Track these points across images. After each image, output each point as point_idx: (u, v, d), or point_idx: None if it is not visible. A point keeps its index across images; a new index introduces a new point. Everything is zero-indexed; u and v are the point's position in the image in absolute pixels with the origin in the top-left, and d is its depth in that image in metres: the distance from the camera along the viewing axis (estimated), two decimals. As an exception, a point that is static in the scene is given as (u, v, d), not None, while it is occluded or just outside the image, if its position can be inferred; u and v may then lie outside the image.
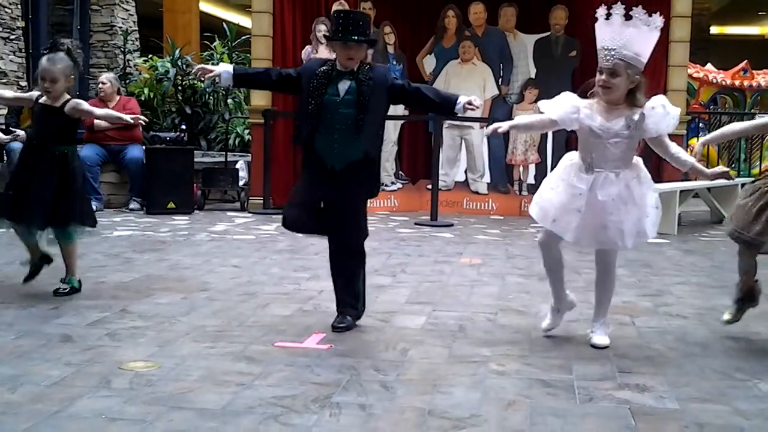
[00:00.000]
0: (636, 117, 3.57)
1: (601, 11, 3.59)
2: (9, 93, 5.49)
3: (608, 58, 3.53)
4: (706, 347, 3.81)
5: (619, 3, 3.59)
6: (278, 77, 4.02)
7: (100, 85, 9.29)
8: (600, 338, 3.76)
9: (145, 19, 14.50)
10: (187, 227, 7.74)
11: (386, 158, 9.86)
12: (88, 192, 4.80)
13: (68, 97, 4.64)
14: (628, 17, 3.55)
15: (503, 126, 3.75)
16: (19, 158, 4.77)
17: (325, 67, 3.91)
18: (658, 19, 3.58)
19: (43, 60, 4.59)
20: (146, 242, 6.70)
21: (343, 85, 3.87)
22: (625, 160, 3.64)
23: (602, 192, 3.60)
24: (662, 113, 3.59)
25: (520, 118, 4.04)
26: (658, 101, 3.62)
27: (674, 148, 3.71)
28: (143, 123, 5.07)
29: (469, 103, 3.91)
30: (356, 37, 3.82)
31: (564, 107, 3.67)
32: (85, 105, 4.78)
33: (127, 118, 4.97)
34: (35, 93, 4.75)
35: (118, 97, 9.33)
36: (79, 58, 4.70)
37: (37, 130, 4.70)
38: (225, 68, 3.98)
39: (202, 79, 3.89)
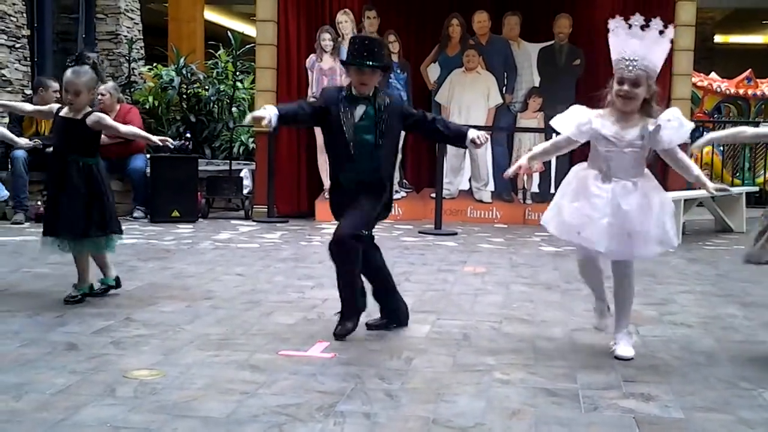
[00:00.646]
0: (651, 128, 3.58)
1: (616, 22, 3.61)
2: (28, 106, 5.47)
3: (630, 68, 3.54)
4: (710, 356, 3.80)
5: (637, 14, 3.61)
6: (312, 110, 4.07)
7: (99, 97, 9.22)
8: (624, 349, 3.72)
9: (149, 27, 14.55)
10: (191, 235, 7.75)
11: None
12: (111, 201, 4.78)
13: (89, 109, 4.66)
14: (643, 27, 3.58)
15: (522, 162, 3.82)
16: (47, 173, 4.80)
17: (342, 94, 3.99)
18: (671, 29, 3.61)
19: (69, 72, 4.59)
20: (150, 250, 6.70)
21: (359, 110, 3.95)
22: (639, 169, 3.66)
23: (624, 201, 3.59)
24: (677, 126, 3.62)
25: (537, 148, 4.01)
26: (674, 114, 3.64)
27: (685, 159, 3.74)
28: (171, 147, 4.92)
29: (474, 141, 4.03)
30: (370, 63, 3.89)
31: (576, 120, 3.68)
32: (108, 120, 4.76)
33: (155, 139, 4.81)
34: (55, 106, 4.79)
35: (118, 107, 9.29)
36: (104, 72, 4.74)
37: (58, 142, 4.72)
38: (272, 111, 3.96)
39: (259, 126, 3.97)
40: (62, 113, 4.66)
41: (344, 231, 3.89)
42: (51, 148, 5.17)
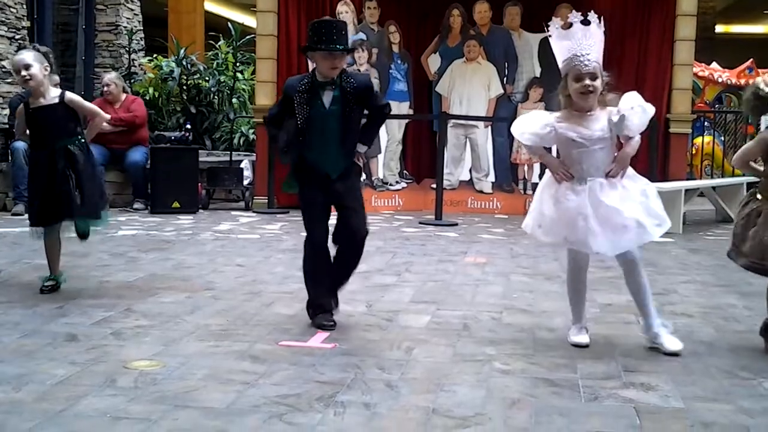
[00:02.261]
0: (615, 117, 3.56)
1: (554, 23, 3.66)
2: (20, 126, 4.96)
3: (586, 62, 3.53)
4: (711, 346, 3.80)
5: (574, 11, 3.65)
6: (280, 112, 4.01)
7: (105, 87, 9.26)
8: (672, 342, 3.63)
9: (149, 18, 14.52)
10: (191, 226, 7.75)
11: (391, 157, 9.86)
12: (100, 181, 4.76)
13: (59, 90, 4.62)
14: (585, 23, 3.61)
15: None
16: (29, 169, 4.74)
17: (305, 81, 3.93)
18: (597, 18, 3.63)
19: (14, 58, 4.63)
20: (151, 241, 6.70)
21: (327, 96, 3.89)
22: (609, 165, 3.62)
23: (604, 196, 3.55)
24: (641, 112, 3.59)
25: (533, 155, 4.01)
26: (636, 100, 3.60)
27: (636, 146, 3.68)
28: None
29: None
30: (341, 46, 3.84)
31: (534, 127, 3.65)
32: (78, 98, 4.68)
33: (107, 116, 4.86)
34: (21, 107, 4.65)
35: (123, 97, 9.33)
36: (49, 55, 4.63)
37: (35, 133, 4.62)
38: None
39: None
40: (32, 106, 4.56)
41: (364, 231, 3.98)
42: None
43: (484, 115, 9.72)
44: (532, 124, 3.68)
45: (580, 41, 3.57)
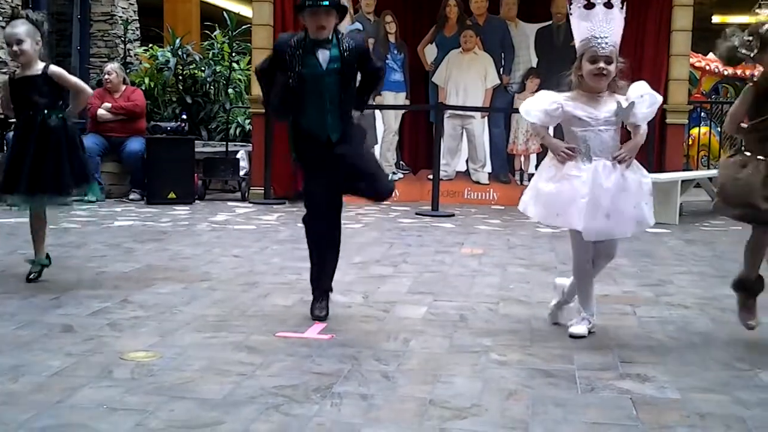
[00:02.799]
0: (625, 104, 3.58)
1: (577, 2, 3.62)
2: (3, 95, 4.92)
3: (603, 45, 3.54)
4: (707, 337, 3.81)
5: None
6: (270, 67, 3.89)
7: (106, 76, 9.25)
8: (578, 328, 3.73)
9: (145, 8, 14.44)
10: (187, 217, 7.74)
11: (387, 148, 9.85)
12: (81, 156, 4.66)
13: (45, 64, 4.58)
14: (608, 5, 3.60)
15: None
16: (17, 138, 4.65)
17: (296, 38, 3.79)
18: (620, 2, 3.62)
19: (6, 28, 4.58)
20: (147, 232, 6.69)
21: (323, 55, 3.74)
22: (615, 147, 3.64)
23: (605, 179, 3.57)
24: (650, 101, 3.62)
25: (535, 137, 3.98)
26: (645, 89, 3.63)
27: (643, 135, 3.70)
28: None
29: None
30: (326, 3, 3.67)
31: (543, 106, 3.65)
32: (66, 74, 4.64)
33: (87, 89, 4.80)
34: (5, 78, 4.68)
35: (123, 87, 9.32)
36: (43, 23, 4.60)
37: (15, 104, 4.61)
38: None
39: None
40: (18, 76, 4.58)
41: (391, 188, 4.02)
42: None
43: (480, 106, 9.71)
44: (539, 102, 3.68)
45: (600, 23, 3.57)
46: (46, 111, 4.52)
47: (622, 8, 3.62)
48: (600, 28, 3.56)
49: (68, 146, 4.55)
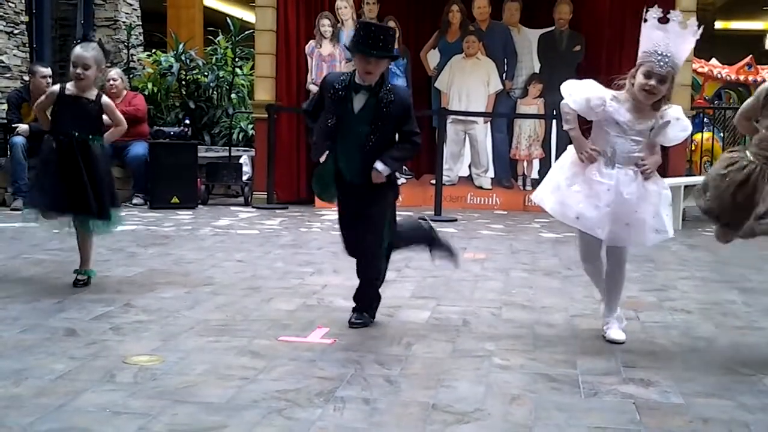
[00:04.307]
0: (661, 122, 3.58)
1: (653, 13, 3.56)
2: (44, 102, 4.88)
3: (662, 64, 3.49)
4: (710, 342, 3.80)
5: (678, 9, 3.59)
6: (315, 107, 3.94)
7: (111, 82, 9.27)
8: (616, 333, 3.74)
9: (148, 13, 14.50)
10: (190, 222, 7.74)
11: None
12: (110, 182, 4.76)
13: (98, 92, 4.68)
14: (683, 26, 3.56)
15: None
16: (48, 152, 4.64)
17: (343, 78, 3.83)
18: (699, 29, 3.59)
19: (77, 48, 4.62)
20: (150, 237, 6.70)
21: (359, 100, 3.78)
22: (637, 159, 3.62)
23: (626, 189, 3.57)
24: (683, 126, 3.64)
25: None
26: (680, 113, 3.65)
27: (658, 156, 3.70)
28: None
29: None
30: (375, 52, 3.69)
31: (587, 95, 3.60)
32: (114, 108, 4.80)
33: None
34: (55, 87, 4.70)
35: (125, 93, 9.34)
36: (111, 51, 4.72)
37: (63, 121, 4.61)
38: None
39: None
40: (69, 91, 4.61)
41: (374, 246, 3.92)
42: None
43: (483, 111, 9.71)
44: (586, 90, 3.63)
45: (666, 40, 3.51)
46: (90, 136, 4.59)
47: (695, 32, 3.57)
48: (666, 45, 3.50)
49: (105, 173, 4.64)
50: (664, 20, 3.56)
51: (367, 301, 4.01)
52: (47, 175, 4.59)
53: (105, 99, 4.69)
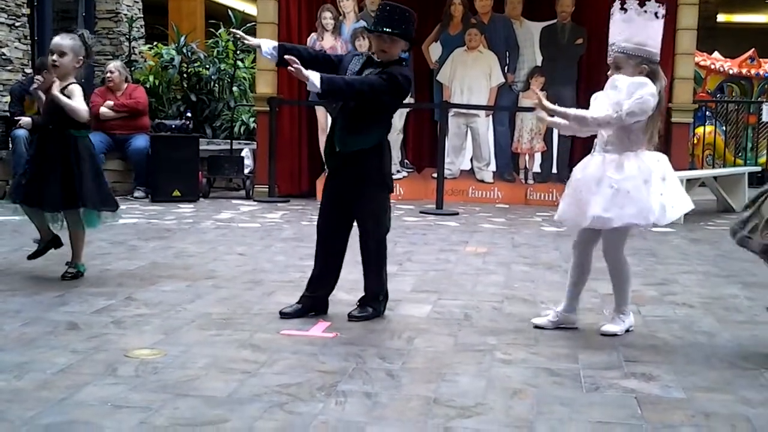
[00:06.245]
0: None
1: (615, 6, 3.71)
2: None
3: (610, 53, 3.66)
4: (712, 336, 3.80)
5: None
6: (323, 57, 4.03)
7: (109, 74, 9.26)
8: (608, 326, 3.78)
9: (150, 6, 14.45)
10: (192, 215, 7.74)
11: (391, 146, 9.83)
12: (101, 175, 4.74)
13: (71, 80, 4.61)
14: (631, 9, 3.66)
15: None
16: (32, 145, 4.76)
17: (364, 54, 3.96)
18: (655, 6, 3.65)
19: (55, 37, 4.62)
20: (151, 230, 6.70)
21: (366, 72, 3.83)
22: (617, 143, 3.65)
23: (583, 171, 3.69)
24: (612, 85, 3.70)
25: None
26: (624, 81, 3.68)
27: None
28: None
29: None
30: (387, 29, 3.75)
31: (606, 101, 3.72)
32: (78, 94, 4.59)
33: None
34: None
35: (125, 85, 9.33)
36: (92, 46, 4.68)
37: (44, 115, 4.68)
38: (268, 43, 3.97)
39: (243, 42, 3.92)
40: (36, 84, 4.63)
41: (377, 234, 4.02)
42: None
43: (485, 104, 9.69)
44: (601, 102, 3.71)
45: (630, 28, 3.64)
46: (71, 129, 4.56)
47: (657, 14, 3.65)
48: (613, 34, 3.66)
49: (91, 166, 4.62)
50: (623, 10, 3.70)
51: (369, 293, 4.00)
52: (24, 169, 4.66)
53: (72, 87, 4.57)
